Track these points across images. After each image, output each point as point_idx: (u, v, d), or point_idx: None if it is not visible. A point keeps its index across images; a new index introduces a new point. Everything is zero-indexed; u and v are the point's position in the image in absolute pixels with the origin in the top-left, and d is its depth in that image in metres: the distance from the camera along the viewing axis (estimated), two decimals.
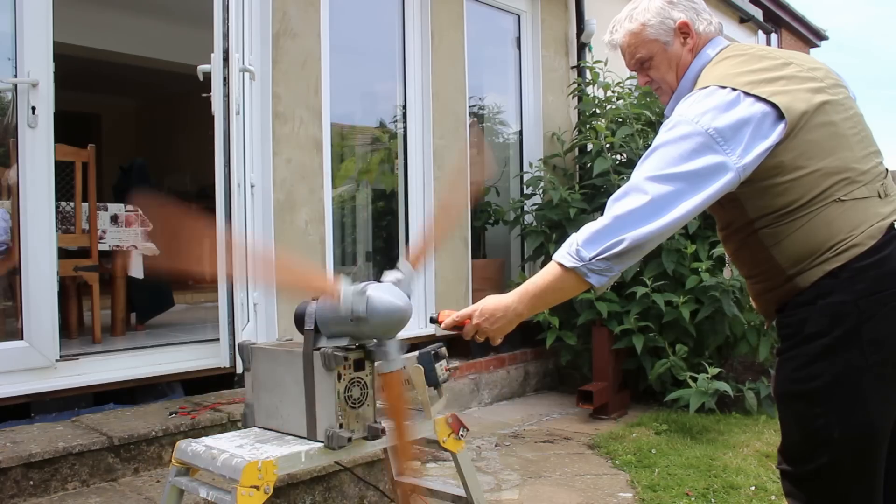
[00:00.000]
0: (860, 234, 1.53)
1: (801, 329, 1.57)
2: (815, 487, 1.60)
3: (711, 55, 1.72)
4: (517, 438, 4.01)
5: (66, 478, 2.56)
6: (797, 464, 1.62)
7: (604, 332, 4.60)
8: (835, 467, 1.56)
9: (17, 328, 2.95)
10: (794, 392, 1.59)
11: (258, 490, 1.72)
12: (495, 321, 1.70)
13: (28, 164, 2.92)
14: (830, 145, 1.55)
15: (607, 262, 1.56)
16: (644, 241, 1.54)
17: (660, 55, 1.77)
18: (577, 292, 1.64)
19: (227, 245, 2.78)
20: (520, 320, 1.69)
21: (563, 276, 1.61)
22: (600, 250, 1.55)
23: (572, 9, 5.93)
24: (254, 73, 3.46)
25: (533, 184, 5.31)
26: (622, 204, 1.57)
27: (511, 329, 1.70)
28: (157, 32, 6.49)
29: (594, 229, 1.58)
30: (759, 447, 3.66)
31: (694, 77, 1.72)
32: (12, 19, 2.92)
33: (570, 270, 1.58)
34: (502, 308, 1.69)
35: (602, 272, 1.57)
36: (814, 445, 1.57)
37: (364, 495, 2.83)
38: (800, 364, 1.57)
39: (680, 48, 1.75)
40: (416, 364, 2.05)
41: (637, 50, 1.80)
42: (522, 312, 1.68)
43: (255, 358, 2.05)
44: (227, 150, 3.11)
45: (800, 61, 1.65)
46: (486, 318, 1.70)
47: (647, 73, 1.82)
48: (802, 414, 1.58)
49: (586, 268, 1.56)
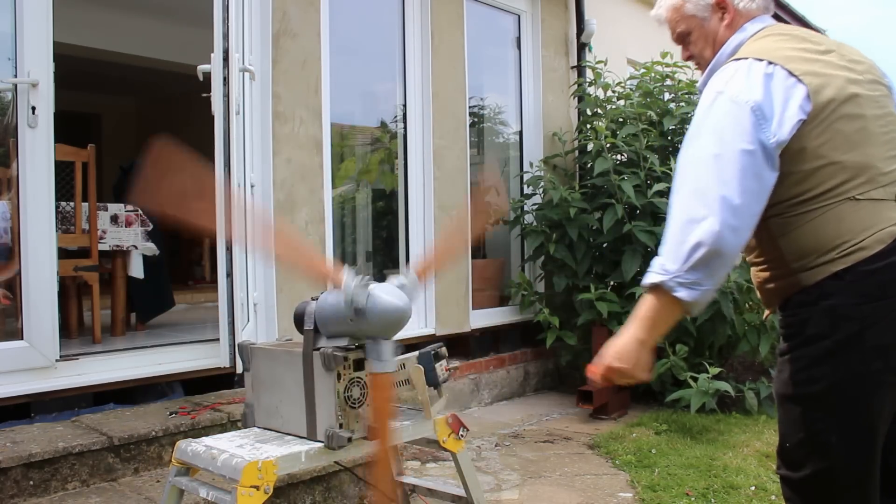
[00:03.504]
0: (869, 237, 1.51)
1: (803, 330, 1.56)
2: (812, 491, 1.59)
3: (752, 31, 1.70)
4: (517, 438, 4.01)
5: (66, 478, 2.56)
6: (794, 467, 1.61)
7: (604, 332, 4.59)
8: (831, 472, 1.55)
9: (17, 328, 2.95)
10: (794, 395, 1.58)
11: (258, 490, 1.72)
12: (626, 359, 1.60)
13: (28, 164, 2.91)
14: (856, 139, 1.53)
15: (696, 272, 1.48)
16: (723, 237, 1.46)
17: (697, 30, 1.77)
18: (673, 309, 1.54)
19: (227, 209, 2.70)
20: (645, 346, 1.59)
21: (653, 295, 1.55)
22: (684, 259, 1.48)
23: (572, 9, 5.93)
24: (254, 73, 3.46)
25: (533, 183, 5.31)
26: (683, 205, 1.52)
27: (645, 358, 1.60)
28: (157, 32, 6.49)
29: (671, 240, 1.52)
30: (759, 447, 3.66)
31: (731, 52, 1.69)
32: (12, 19, 2.92)
33: (659, 288, 1.52)
34: (622, 341, 1.61)
35: (693, 286, 1.49)
36: (811, 449, 1.56)
37: (364, 495, 2.83)
38: (801, 366, 1.56)
39: (717, 24, 1.75)
40: (416, 364, 2.05)
41: (677, 25, 1.81)
42: (641, 337, 1.59)
43: (255, 358, 2.05)
44: (227, 150, 3.11)
45: (843, 52, 1.64)
46: (616, 358, 1.62)
47: (687, 47, 1.82)
48: (801, 417, 1.57)
49: (673, 281, 1.49)
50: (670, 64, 5.21)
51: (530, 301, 5.07)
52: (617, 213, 4.65)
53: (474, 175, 4.90)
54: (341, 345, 1.88)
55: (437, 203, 4.64)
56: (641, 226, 4.63)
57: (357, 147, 4.96)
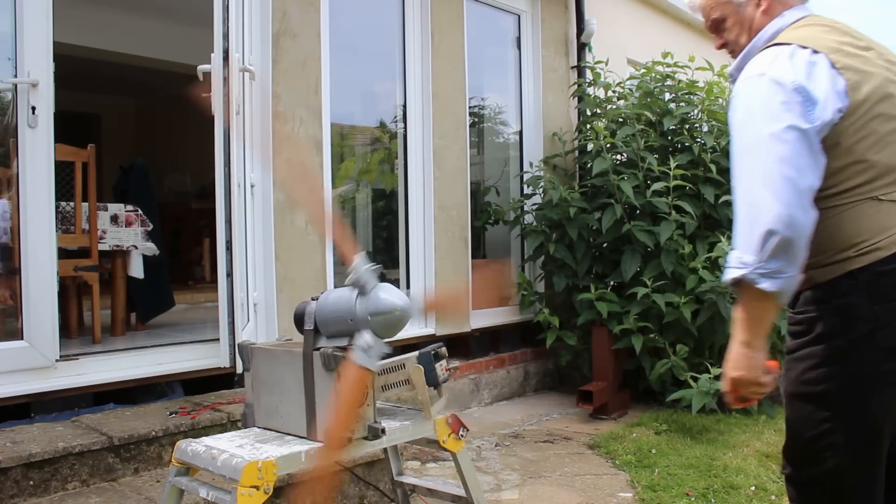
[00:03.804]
0: (886, 238, 1.50)
1: (812, 328, 1.54)
2: (817, 491, 1.59)
3: (791, 19, 1.68)
4: (517, 438, 4.01)
5: (66, 478, 2.56)
6: (800, 467, 1.60)
7: (604, 333, 4.59)
8: (837, 473, 1.54)
9: (17, 328, 2.95)
10: (803, 394, 1.57)
11: (258, 490, 1.72)
12: (738, 365, 1.56)
13: (28, 164, 2.91)
14: (889, 140, 1.53)
15: (775, 260, 1.43)
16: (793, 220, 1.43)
17: (733, 17, 1.75)
18: (763, 302, 1.48)
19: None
20: (752, 348, 1.53)
21: (742, 293, 1.50)
22: (759, 248, 1.44)
23: (572, 9, 5.93)
24: (254, 72, 3.46)
25: (533, 183, 5.31)
26: (748, 192, 1.48)
27: (754, 360, 1.54)
28: (157, 32, 6.49)
29: (742, 232, 1.48)
30: (759, 447, 3.66)
31: (769, 38, 1.66)
32: (12, 19, 2.92)
33: (742, 283, 1.47)
34: (734, 351, 1.57)
35: (774, 275, 1.44)
36: (818, 449, 1.55)
37: (364, 495, 2.83)
38: (810, 365, 1.55)
39: (754, 10, 1.72)
40: (416, 364, 2.05)
41: (712, 11, 1.78)
42: (744, 340, 1.53)
43: (255, 358, 2.05)
44: (227, 150, 3.11)
45: (881, 51, 1.63)
46: (731, 367, 1.58)
47: (721, 35, 1.79)
48: (809, 417, 1.56)
49: (755, 273, 1.45)
50: (670, 64, 5.21)
51: (530, 301, 5.07)
52: (616, 213, 4.65)
53: (474, 175, 4.91)
54: (341, 345, 1.88)
55: (437, 203, 4.64)
56: (641, 225, 4.63)
57: (357, 147, 4.96)
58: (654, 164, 4.67)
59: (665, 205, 4.57)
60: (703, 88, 5.07)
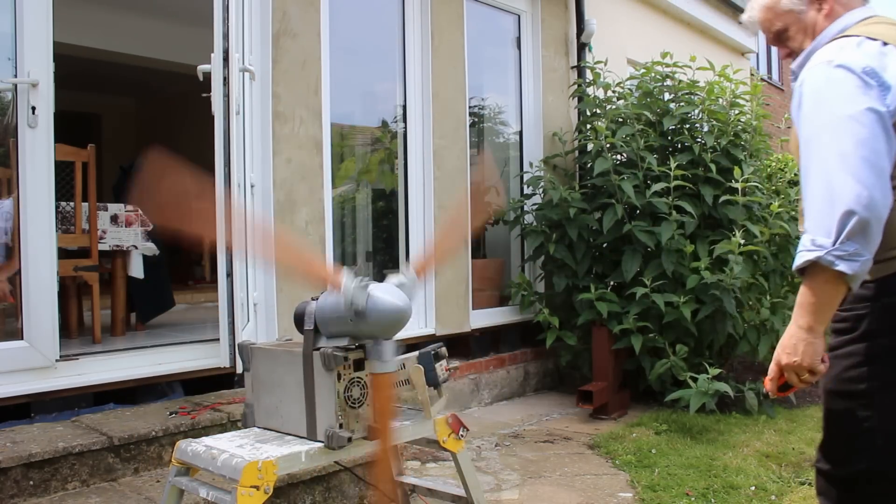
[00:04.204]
0: None
1: (858, 325, 1.53)
2: (850, 489, 1.58)
3: (858, 18, 1.68)
4: (517, 438, 4.01)
5: (66, 478, 2.56)
6: (835, 464, 1.59)
7: (604, 332, 4.60)
8: (871, 474, 1.53)
9: (17, 328, 2.95)
10: (843, 391, 1.56)
11: (258, 490, 1.72)
12: (795, 350, 1.53)
13: (28, 164, 2.91)
14: None
15: (853, 242, 1.40)
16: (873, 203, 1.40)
17: (795, 25, 1.75)
18: (835, 287, 1.44)
19: (227, 212, 2.71)
20: (812, 334, 1.51)
21: (810, 276, 1.47)
22: (836, 230, 1.41)
23: (572, 9, 5.93)
24: (254, 73, 3.46)
25: (533, 183, 5.31)
26: (823, 173, 1.45)
27: (815, 346, 1.51)
28: (157, 32, 6.49)
29: (817, 214, 1.44)
30: (759, 447, 3.66)
31: (834, 35, 1.65)
32: (12, 19, 2.92)
33: (815, 266, 1.44)
34: (790, 335, 1.54)
35: (852, 257, 1.40)
36: (855, 449, 1.54)
37: (364, 495, 2.83)
38: (852, 363, 1.54)
39: (815, 14, 1.72)
40: (416, 364, 2.05)
41: (773, 23, 1.78)
42: (806, 325, 1.51)
43: (255, 358, 2.05)
44: (227, 150, 3.11)
45: None
46: (787, 352, 1.55)
47: (785, 44, 1.79)
48: (848, 415, 1.56)
49: (831, 255, 1.41)
50: (670, 64, 5.21)
51: (530, 301, 5.08)
52: (617, 213, 4.65)
53: (474, 175, 4.90)
54: (341, 345, 1.88)
55: (437, 203, 4.64)
56: (641, 226, 4.63)
57: (357, 147, 4.96)
58: (654, 164, 4.68)
59: (665, 205, 4.58)
60: (704, 88, 5.07)
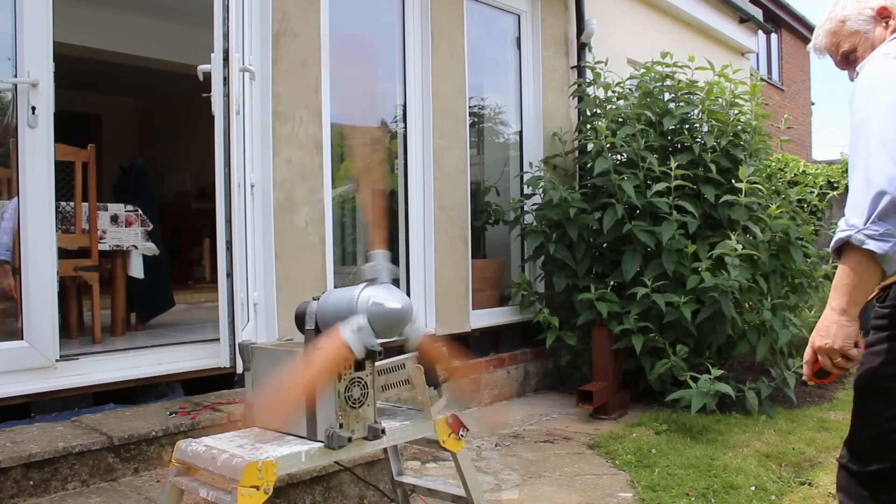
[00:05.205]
0: None
1: (895, 323, 1.54)
2: (874, 487, 1.58)
3: None
4: (517, 438, 4.01)
5: (66, 478, 2.56)
6: (860, 460, 1.60)
7: (604, 332, 4.60)
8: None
9: (17, 328, 2.95)
10: (875, 388, 1.56)
11: (258, 490, 1.72)
12: (828, 332, 1.55)
13: (28, 164, 2.91)
14: None
15: (884, 222, 1.42)
16: None
17: (863, 45, 1.76)
18: (868, 267, 1.46)
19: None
20: (846, 316, 1.52)
21: (845, 257, 1.49)
22: (868, 210, 1.44)
23: (572, 9, 5.93)
24: (254, 73, 3.46)
25: (533, 183, 5.31)
26: (865, 156, 1.47)
27: (847, 329, 1.52)
28: (157, 32, 6.49)
29: (855, 195, 1.47)
30: (759, 447, 3.66)
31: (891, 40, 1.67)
32: (12, 19, 2.92)
33: (849, 246, 1.47)
34: (824, 318, 1.56)
35: (882, 237, 1.43)
36: (883, 446, 1.55)
37: (364, 495, 2.83)
38: (887, 360, 1.54)
39: (883, 32, 1.74)
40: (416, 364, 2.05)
41: (839, 46, 1.80)
42: (840, 307, 1.52)
43: (255, 358, 2.05)
44: (227, 150, 3.11)
45: None
46: (820, 335, 1.57)
47: (854, 66, 1.79)
48: (878, 412, 1.56)
49: (861, 234, 1.44)
50: (670, 64, 5.22)
51: (530, 301, 5.08)
52: (617, 213, 4.65)
53: (474, 175, 4.90)
54: None
55: (437, 203, 4.64)
56: (641, 225, 4.63)
57: None
58: (654, 164, 4.68)
59: (666, 205, 4.58)
60: (703, 88, 5.07)
